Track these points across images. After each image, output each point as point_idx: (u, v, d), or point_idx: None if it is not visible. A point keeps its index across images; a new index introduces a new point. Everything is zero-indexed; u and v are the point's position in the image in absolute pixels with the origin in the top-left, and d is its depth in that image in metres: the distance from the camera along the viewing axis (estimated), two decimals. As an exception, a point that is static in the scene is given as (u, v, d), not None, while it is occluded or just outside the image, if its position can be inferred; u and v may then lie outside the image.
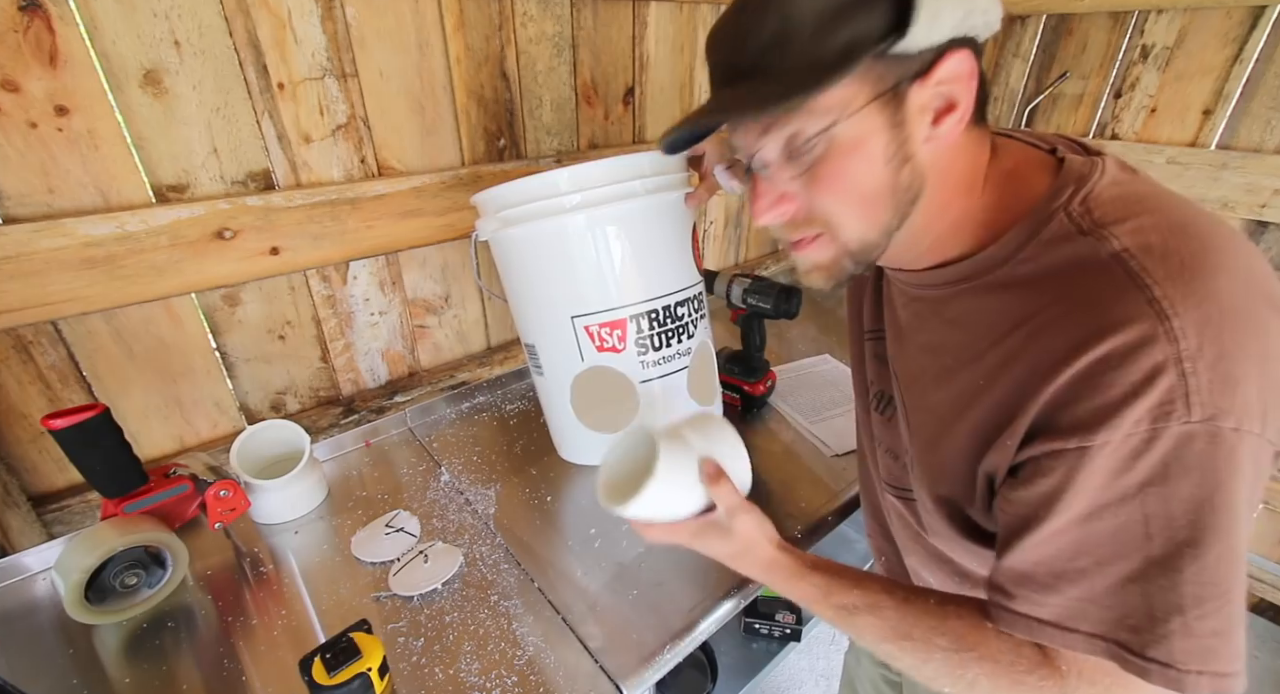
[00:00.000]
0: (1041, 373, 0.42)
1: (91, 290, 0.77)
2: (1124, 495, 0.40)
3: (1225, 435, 0.37)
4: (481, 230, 0.75)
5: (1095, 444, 0.39)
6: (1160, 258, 0.39)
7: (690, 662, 1.14)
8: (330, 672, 0.58)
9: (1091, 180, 0.45)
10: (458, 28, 0.96)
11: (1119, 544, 0.41)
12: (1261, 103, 1.33)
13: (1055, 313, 0.42)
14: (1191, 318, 0.37)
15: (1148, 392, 0.38)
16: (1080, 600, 0.43)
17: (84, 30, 0.70)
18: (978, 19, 0.42)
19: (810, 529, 0.88)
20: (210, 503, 0.76)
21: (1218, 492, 0.38)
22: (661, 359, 0.76)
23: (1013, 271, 0.46)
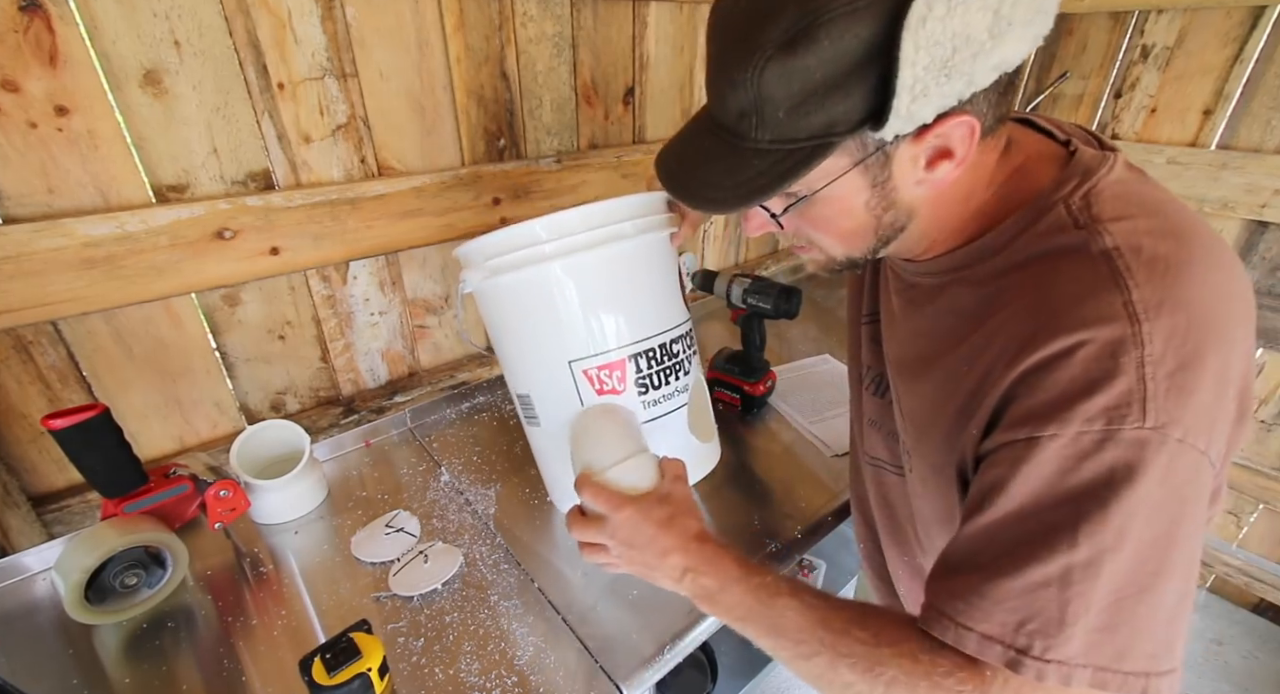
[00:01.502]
0: (1006, 359, 0.42)
1: (91, 290, 0.77)
2: (1064, 499, 0.40)
3: (1170, 445, 0.38)
4: (468, 282, 0.73)
5: (1045, 435, 0.39)
6: (1147, 261, 0.40)
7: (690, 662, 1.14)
8: (330, 672, 0.58)
9: (1097, 175, 0.44)
10: (458, 28, 0.96)
11: (1046, 544, 0.40)
12: (1261, 103, 1.33)
13: (1032, 300, 0.42)
14: (1161, 325, 0.38)
15: (1106, 390, 0.38)
16: (988, 598, 0.41)
17: (84, 30, 0.70)
18: (984, 77, 0.40)
19: (810, 529, 0.88)
20: (210, 503, 0.76)
21: (1152, 500, 0.38)
22: (661, 398, 0.76)
23: (1007, 260, 0.46)
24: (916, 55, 0.37)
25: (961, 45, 0.37)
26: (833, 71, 0.38)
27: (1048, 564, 0.40)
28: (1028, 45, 0.40)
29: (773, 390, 1.17)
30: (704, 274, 1.12)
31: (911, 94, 0.38)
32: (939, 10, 0.36)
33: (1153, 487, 0.38)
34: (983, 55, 0.38)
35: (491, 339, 0.82)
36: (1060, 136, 0.50)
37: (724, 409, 1.15)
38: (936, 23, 0.36)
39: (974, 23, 0.37)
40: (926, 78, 0.38)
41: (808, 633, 0.48)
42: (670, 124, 1.33)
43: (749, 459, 1.03)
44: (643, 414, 0.75)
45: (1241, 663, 1.60)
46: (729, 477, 0.98)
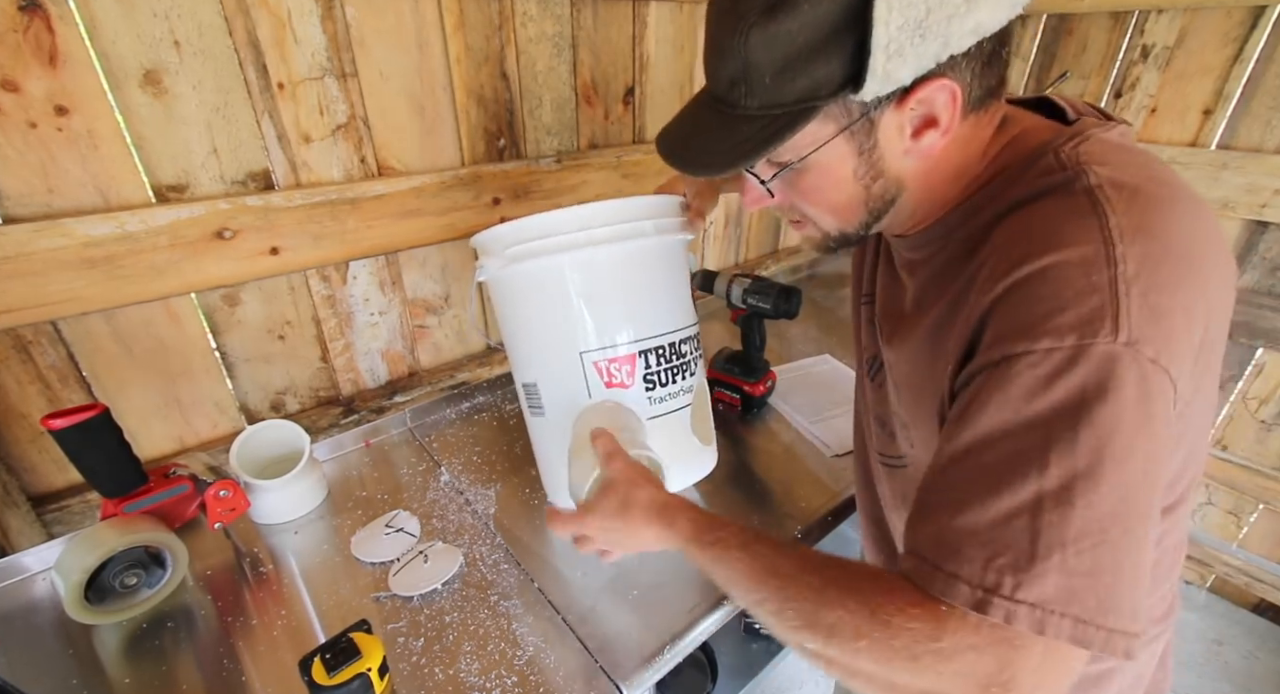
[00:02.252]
0: (984, 289, 0.42)
1: (91, 290, 0.77)
2: (1033, 420, 0.38)
3: (1143, 364, 0.37)
4: (485, 269, 0.73)
5: (1016, 352, 0.38)
6: (1129, 194, 0.40)
7: (690, 662, 1.14)
8: (330, 672, 0.58)
9: (1091, 130, 0.45)
10: (457, 28, 0.96)
11: (1014, 472, 0.37)
12: (1261, 103, 1.33)
13: (1019, 230, 0.43)
14: (1136, 248, 0.38)
15: (1076, 305, 0.37)
16: (956, 532, 0.39)
17: (84, 30, 0.70)
18: (961, 41, 0.41)
19: (810, 529, 0.88)
20: (210, 503, 0.76)
21: (1123, 421, 0.36)
22: (667, 395, 0.78)
23: (994, 211, 0.46)
24: (890, 15, 0.38)
25: (935, 6, 0.38)
26: (813, 35, 0.40)
27: (1018, 491, 0.37)
28: (1005, 11, 0.41)
29: (773, 390, 1.17)
30: (704, 274, 1.12)
31: (886, 53, 0.39)
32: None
33: (1127, 407, 0.36)
34: (957, 18, 0.39)
35: (501, 327, 0.82)
36: (1071, 116, 0.50)
37: (724, 409, 1.15)
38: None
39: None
40: (901, 37, 0.39)
41: (756, 581, 0.48)
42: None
43: (749, 459, 1.03)
44: (648, 410, 0.77)
45: (1241, 663, 1.60)
46: (729, 477, 0.98)
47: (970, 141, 0.48)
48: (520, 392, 0.84)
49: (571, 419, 0.75)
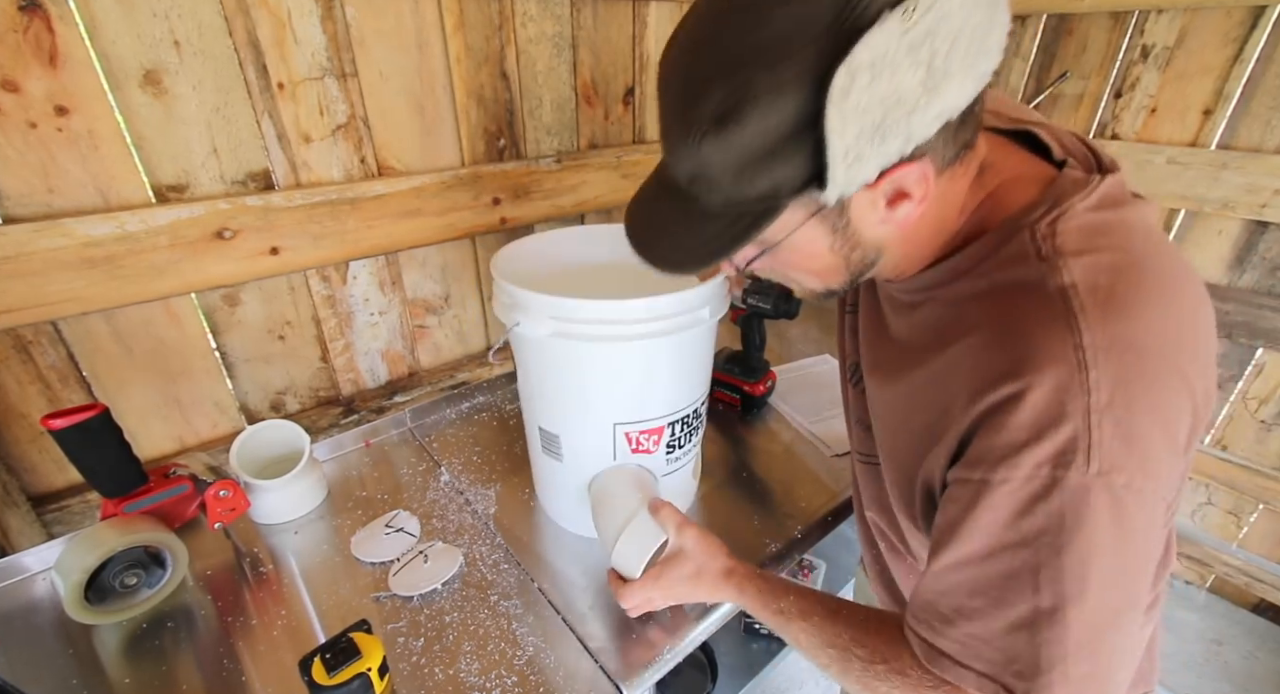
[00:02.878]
0: (968, 395, 0.42)
1: (91, 290, 0.77)
2: (1021, 541, 0.41)
3: (1116, 490, 0.39)
4: (530, 329, 0.69)
5: (995, 479, 0.41)
6: (1103, 300, 0.40)
7: (690, 662, 1.14)
8: (330, 672, 0.58)
9: (1069, 202, 0.43)
10: (457, 28, 0.96)
11: (1010, 590, 0.42)
12: (1262, 103, 1.33)
13: (992, 334, 0.43)
14: (1109, 370, 0.38)
15: (1051, 436, 0.39)
16: (975, 638, 0.44)
17: (84, 30, 0.70)
18: (926, 130, 0.39)
19: (810, 529, 0.88)
20: (210, 503, 0.76)
21: (1102, 547, 0.40)
22: (681, 454, 0.83)
23: (971, 286, 0.46)
24: (844, 127, 0.36)
25: (893, 106, 0.36)
26: (768, 142, 0.38)
27: (1016, 607, 0.42)
28: (973, 86, 0.39)
29: (773, 390, 1.17)
30: (704, 274, 1.12)
31: (845, 162, 0.38)
32: (862, 80, 0.35)
33: (1102, 532, 0.39)
34: (919, 111, 0.37)
35: (524, 372, 0.80)
36: (1057, 155, 0.49)
37: (724, 409, 1.15)
38: (861, 92, 0.35)
39: (904, 82, 0.36)
40: (859, 144, 0.37)
41: (818, 651, 0.56)
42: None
43: (749, 459, 1.03)
44: (664, 469, 0.81)
45: (1241, 663, 1.60)
46: (729, 476, 0.98)
47: (947, 196, 0.46)
48: (535, 432, 0.82)
49: (588, 471, 0.79)
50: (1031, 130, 0.51)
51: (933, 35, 0.35)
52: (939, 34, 0.35)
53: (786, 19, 0.36)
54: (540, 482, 0.91)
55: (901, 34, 0.34)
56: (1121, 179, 0.47)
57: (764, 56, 0.37)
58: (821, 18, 0.35)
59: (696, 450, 0.86)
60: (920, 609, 0.48)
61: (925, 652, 0.47)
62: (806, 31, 0.36)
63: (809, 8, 0.36)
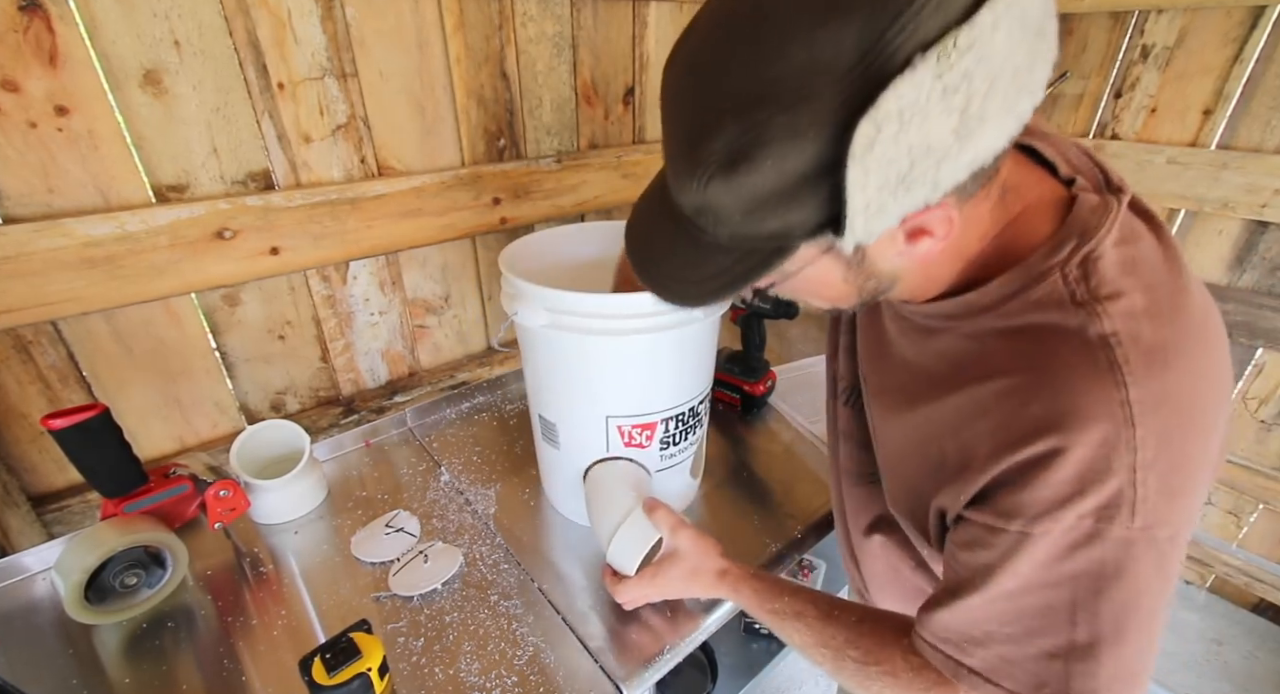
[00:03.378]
0: (1004, 441, 0.41)
1: (91, 290, 0.77)
2: (1058, 580, 0.41)
3: (1159, 544, 0.39)
4: (526, 317, 0.70)
5: (1036, 533, 0.40)
6: (1145, 352, 0.39)
7: (690, 662, 1.14)
8: (330, 672, 0.58)
9: (1096, 237, 0.41)
10: (457, 28, 0.96)
11: (1046, 621, 0.42)
12: (1261, 103, 1.33)
13: (1032, 381, 0.41)
14: (1155, 428, 0.38)
15: (1096, 492, 0.38)
16: (1006, 660, 0.44)
17: (84, 30, 0.70)
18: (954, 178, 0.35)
19: (810, 529, 0.88)
20: (210, 503, 0.76)
21: (1144, 595, 0.40)
22: (677, 452, 0.83)
23: (998, 323, 0.44)
24: (867, 179, 0.33)
25: (921, 157, 0.33)
26: (781, 186, 0.35)
27: (1053, 637, 0.42)
28: (1011, 127, 0.35)
29: (773, 390, 1.17)
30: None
31: (866, 214, 0.35)
32: (889, 130, 0.32)
33: (1143, 581, 0.40)
34: (949, 159, 0.34)
35: (526, 362, 0.82)
36: (1064, 172, 0.47)
37: (724, 409, 1.15)
38: (887, 143, 0.32)
39: (935, 130, 0.32)
40: (881, 196, 0.34)
41: (812, 650, 0.57)
42: None
43: (749, 459, 1.03)
44: (658, 465, 0.81)
45: (1241, 663, 1.60)
46: (729, 476, 0.98)
47: (969, 223, 0.43)
48: (536, 419, 0.84)
49: (582, 461, 0.79)
50: (1033, 144, 0.48)
51: (969, 78, 0.31)
52: (976, 77, 0.31)
53: (805, 55, 0.32)
54: (543, 468, 0.92)
55: (935, 79, 0.31)
56: (1136, 200, 0.46)
57: (781, 96, 0.33)
58: (845, 57, 0.31)
59: (695, 449, 0.86)
60: (944, 630, 0.48)
61: (951, 668, 0.48)
62: (829, 72, 0.32)
63: (831, 44, 0.32)
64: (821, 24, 0.32)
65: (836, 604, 0.59)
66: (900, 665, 0.51)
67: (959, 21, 0.31)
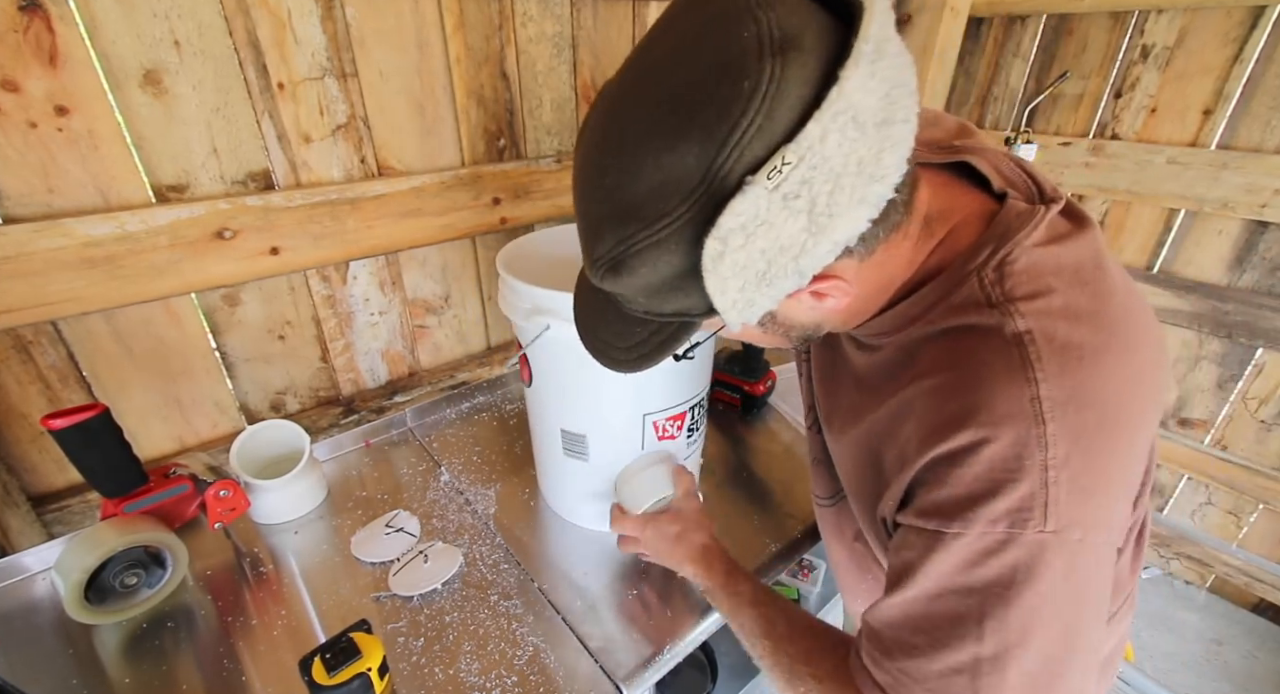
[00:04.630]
0: (920, 441, 0.42)
1: (91, 290, 0.77)
2: (969, 588, 0.41)
3: (1070, 545, 0.39)
4: (561, 330, 0.69)
5: (950, 533, 0.41)
6: (1059, 350, 0.39)
7: (690, 662, 1.14)
8: (330, 672, 0.58)
9: (1013, 240, 0.42)
10: (457, 28, 0.96)
11: (954, 635, 0.42)
12: (1261, 103, 1.33)
13: (950, 379, 0.42)
14: (1067, 426, 0.38)
15: (1008, 493, 0.38)
16: (909, 676, 0.44)
17: (84, 30, 0.70)
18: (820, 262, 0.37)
19: (810, 529, 0.88)
20: (210, 503, 0.76)
21: (1051, 599, 0.40)
22: (698, 437, 0.87)
23: (926, 330, 0.45)
24: (725, 284, 0.36)
25: (776, 256, 0.36)
26: (662, 283, 0.39)
27: (958, 652, 0.41)
28: (867, 212, 0.36)
29: (773, 390, 1.17)
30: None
31: (736, 309, 0.38)
32: (735, 242, 0.34)
33: (1055, 584, 0.39)
34: (807, 252, 0.36)
35: (549, 376, 0.79)
36: (997, 186, 0.47)
37: (724, 409, 1.15)
38: (736, 253, 0.35)
39: (785, 232, 0.35)
40: (746, 293, 0.37)
41: (757, 639, 0.59)
42: None
43: (749, 459, 1.03)
44: (685, 452, 0.84)
45: (1241, 663, 1.60)
46: (729, 476, 0.98)
47: (886, 264, 0.44)
48: (554, 436, 0.82)
49: (615, 465, 0.80)
50: (968, 160, 0.48)
51: (809, 183, 0.33)
52: (816, 181, 0.33)
53: (658, 174, 0.35)
54: (556, 486, 0.90)
55: (770, 192, 0.33)
56: (1070, 207, 0.45)
57: (644, 214, 0.36)
58: (690, 178, 0.34)
59: (705, 428, 0.90)
60: (867, 637, 0.48)
61: (863, 678, 0.48)
62: (678, 192, 0.35)
63: (677, 165, 0.34)
64: (670, 148, 0.34)
65: (793, 609, 0.61)
66: (829, 671, 0.52)
67: (785, 140, 0.33)
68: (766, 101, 0.32)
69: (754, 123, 0.32)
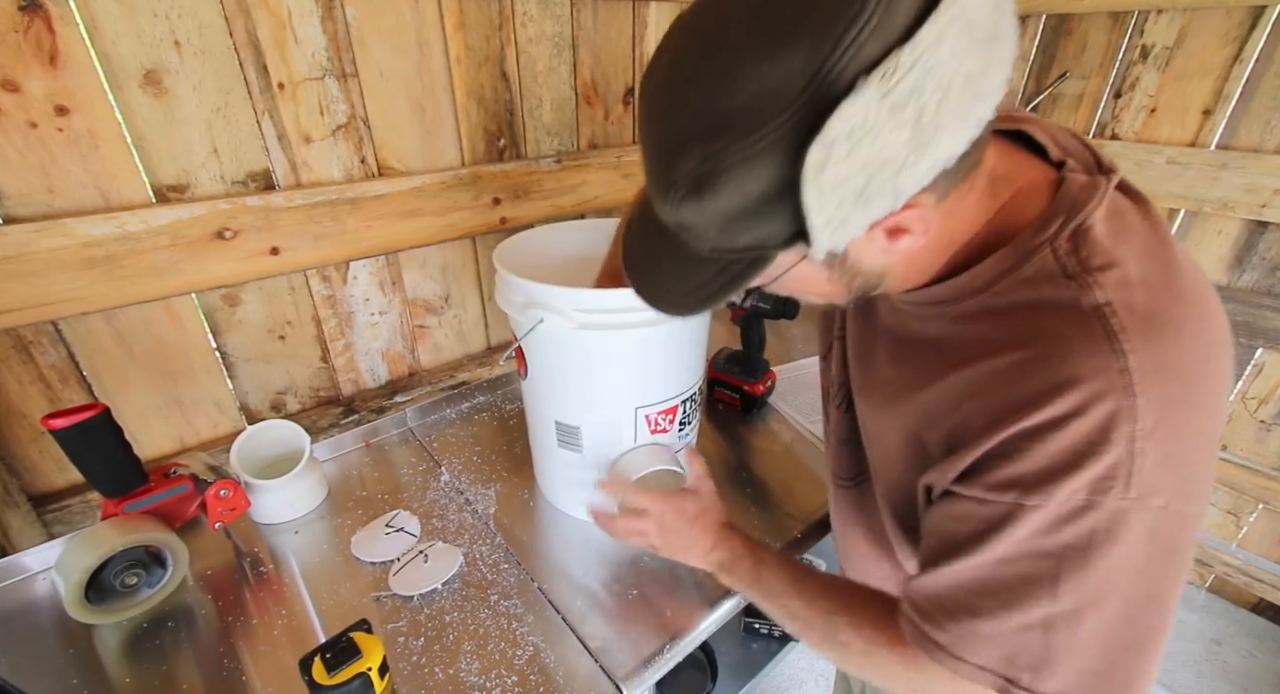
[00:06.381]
0: (1000, 415, 0.41)
1: (91, 290, 0.77)
2: (1045, 552, 0.41)
3: (1153, 512, 0.38)
4: (556, 324, 0.70)
5: (1029, 505, 0.40)
6: (1142, 319, 0.38)
7: (690, 662, 1.14)
8: (330, 671, 0.58)
9: (1084, 211, 0.42)
10: (458, 28, 0.96)
11: (1027, 595, 0.41)
12: (1261, 103, 1.33)
13: (1029, 355, 0.41)
14: (1156, 395, 0.37)
15: (1093, 463, 0.38)
16: (977, 633, 0.44)
17: (84, 30, 0.70)
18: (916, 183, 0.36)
19: (810, 529, 0.88)
20: (210, 503, 0.76)
21: (1131, 560, 0.39)
22: (690, 430, 0.88)
23: (990, 302, 0.44)
24: (823, 200, 0.35)
25: (877, 171, 0.34)
26: (746, 206, 0.37)
27: (1030, 612, 0.41)
28: (970, 132, 0.35)
29: (773, 390, 1.17)
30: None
31: (828, 229, 0.36)
32: (840, 150, 0.33)
33: (1136, 549, 0.39)
34: (907, 169, 0.35)
35: (542, 374, 0.80)
36: (1055, 155, 0.47)
37: (724, 409, 1.15)
38: (838, 164, 0.33)
39: (888, 145, 0.33)
40: (841, 211, 0.35)
41: (787, 598, 0.60)
42: None
43: (749, 459, 1.03)
44: (677, 446, 0.85)
45: (1241, 663, 1.60)
46: (729, 476, 0.98)
47: (954, 215, 0.44)
48: (549, 428, 0.83)
49: (607, 457, 0.81)
50: (1025, 130, 0.49)
51: (918, 92, 0.32)
52: (925, 90, 0.32)
53: (756, 83, 0.33)
54: (551, 477, 0.91)
55: (881, 98, 0.32)
56: (1124, 182, 0.46)
57: (737, 125, 0.34)
58: (793, 85, 0.33)
59: (697, 421, 0.91)
60: (923, 599, 0.48)
61: (919, 639, 0.47)
62: (779, 99, 0.33)
63: (779, 72, 0.33)
64: (770, 56, 0.33)
65: (820, 572, 0.62)
66: (868, 620, 0.53)
67: (901, 41, 0.31)
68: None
69: (872, 19, 0.31)
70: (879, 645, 0.52)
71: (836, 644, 0.55)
